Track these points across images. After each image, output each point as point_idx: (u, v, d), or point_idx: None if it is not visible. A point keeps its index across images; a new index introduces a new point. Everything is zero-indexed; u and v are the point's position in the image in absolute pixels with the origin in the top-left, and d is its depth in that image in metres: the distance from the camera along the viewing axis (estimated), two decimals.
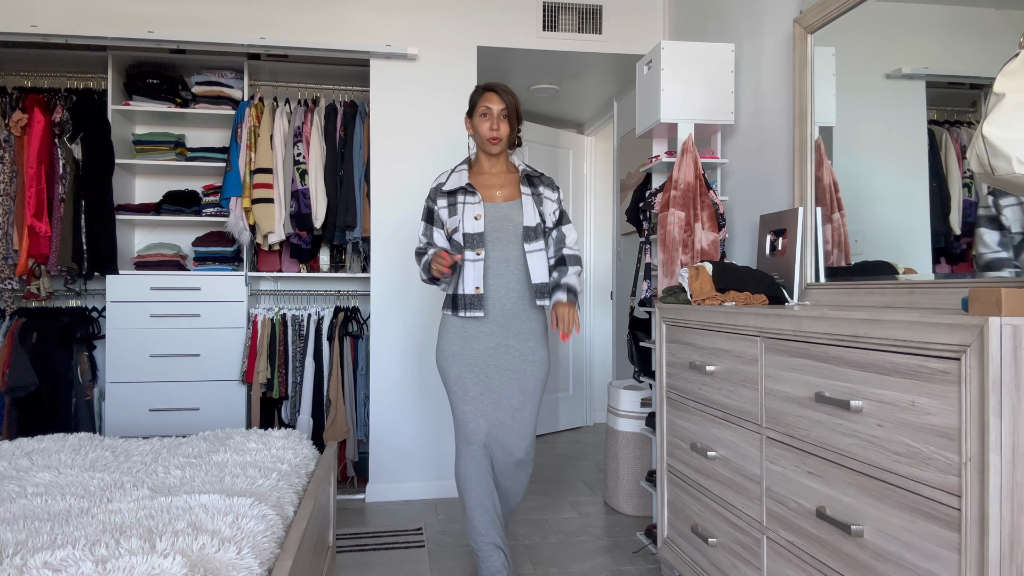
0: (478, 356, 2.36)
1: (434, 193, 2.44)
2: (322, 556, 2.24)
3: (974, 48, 1.79)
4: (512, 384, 2.38)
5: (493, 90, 2.38)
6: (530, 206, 2.38)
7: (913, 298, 1.83)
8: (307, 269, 3.81)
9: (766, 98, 2.73)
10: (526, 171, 2.45)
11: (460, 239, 2.35)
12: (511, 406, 2.38)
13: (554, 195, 2.46)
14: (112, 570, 1.26)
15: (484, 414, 2.35)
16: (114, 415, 3.40)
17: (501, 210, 2.37)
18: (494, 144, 2.37)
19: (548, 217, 2.41)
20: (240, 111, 3.51)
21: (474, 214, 2.34)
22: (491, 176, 2.43)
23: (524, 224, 2.36)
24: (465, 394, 2.36)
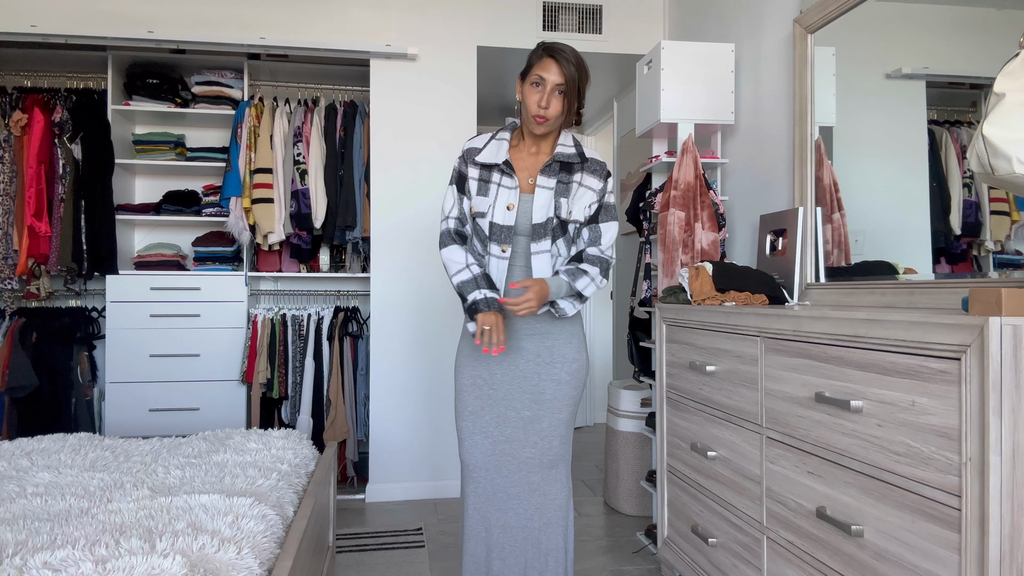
0: (485, 365, 2.04)
1: (467, 156, 2.05)
2: (322, 556, 2.23)
3: (974, 48, 1.79)
4: (522, 393, 2.02)
5: (553, 56, 1.91)
6: (544, 199, 1.98)
7: (913, 298, 1.83)
8: (307, 269, 3.81)
9: (766, 98, 2.73)
10: (560, 155, 1.99)
11: (485, 227, 1.98)
12: (522, 419, 2.02)
13: (597, 184, 2.02)
14: (112, 570, 1.26)
15: (484, 431, 2.02)
16: (114, 415, 3.40)
17: (529, 203, 2.01)
18: (540, 123, 1.94)
19: (580, 211, 1.99)
20: (240, 111, 3.51)
21: (507, 202, 1.97)
22: (531, 157, 2.03)
23: (534, 220, 1.97)
24: (463, 408, 2.05)
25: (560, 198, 1.98)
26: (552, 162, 2.00)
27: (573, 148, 2.02)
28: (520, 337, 2.03)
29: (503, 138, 2.04)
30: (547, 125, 1.95)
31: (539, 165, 2.01)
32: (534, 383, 2.02)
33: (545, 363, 2.03)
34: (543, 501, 2.03)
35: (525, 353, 2.03)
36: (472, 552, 2.06)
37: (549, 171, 2.00)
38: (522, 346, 2.03)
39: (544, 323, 2.04)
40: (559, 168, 2.00)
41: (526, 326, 2.03)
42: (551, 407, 2.02)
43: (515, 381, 2.03)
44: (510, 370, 2.03)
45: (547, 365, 2.03)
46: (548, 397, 2.02)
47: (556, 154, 1.99)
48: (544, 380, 2.02)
